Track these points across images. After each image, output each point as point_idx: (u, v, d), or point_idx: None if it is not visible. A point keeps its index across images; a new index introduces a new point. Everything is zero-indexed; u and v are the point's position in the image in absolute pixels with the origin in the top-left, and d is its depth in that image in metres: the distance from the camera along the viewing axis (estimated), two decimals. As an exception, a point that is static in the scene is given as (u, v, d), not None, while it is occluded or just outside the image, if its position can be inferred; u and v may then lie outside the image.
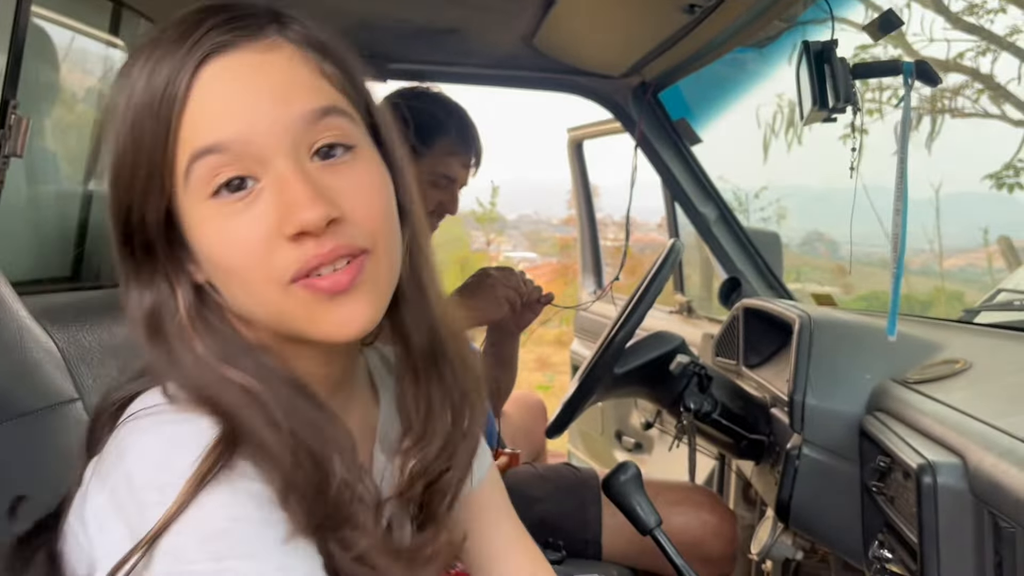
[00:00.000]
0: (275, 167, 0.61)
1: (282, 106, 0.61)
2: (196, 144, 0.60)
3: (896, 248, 1.08)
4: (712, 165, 2.19)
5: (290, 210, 0.60)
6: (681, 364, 1.51)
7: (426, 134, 1.72)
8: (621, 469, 1.17)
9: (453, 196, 1.77)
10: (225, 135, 0.60)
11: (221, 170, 0.60)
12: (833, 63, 1.17)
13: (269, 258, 0.61)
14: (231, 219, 0.61)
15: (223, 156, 0.60)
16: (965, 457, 0.92)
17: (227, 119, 0.60)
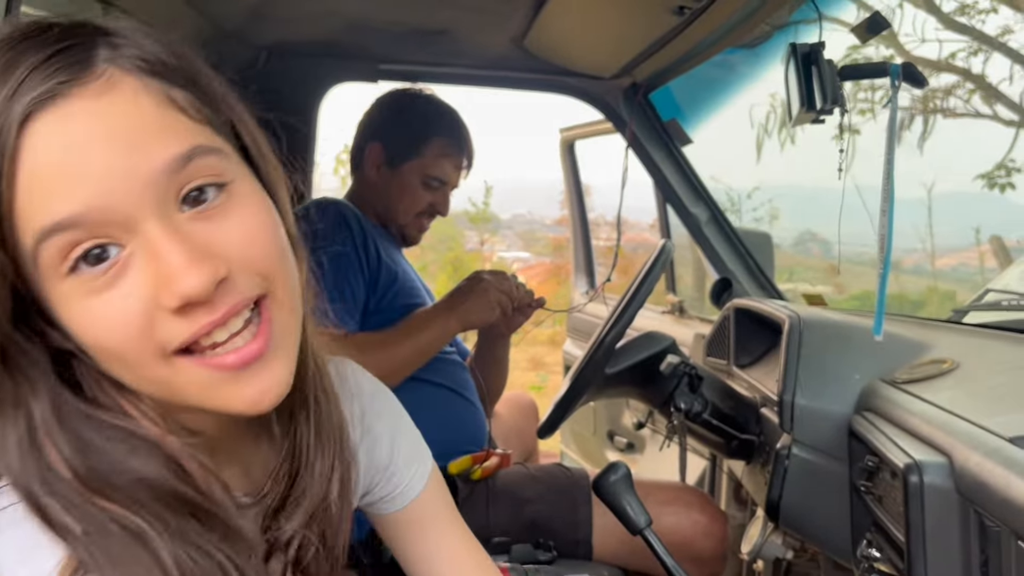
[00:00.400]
0: (141, 231, 0.52)
1: (135, 158, 0.52)
2: (38, 222, 0.51)
3: (882, 248, 1.09)
4: (705, 165, 2.20)
5: (169, 280, 0.51)
6: (671, 364, 1.52)
7: (418, 137, 1.73)
8: (611, 469, 1.17)
9: (445, 197, 1.78)
10: (73, 207, 0.50)
11: (75, 245, 0.51)
12: (820, 65, 1.17)
13: (149, 334, 0.53)
14: (96, 296, 0.52)
15: (75, 232, 0.51)
16: (951, 456, 0.93)
17: (71, 187, 0.50)
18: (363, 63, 2.12)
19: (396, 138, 1.75)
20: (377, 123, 1.79)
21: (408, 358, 1.58)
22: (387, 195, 1.75)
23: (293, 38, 1.95)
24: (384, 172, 1.75)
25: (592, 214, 3.42)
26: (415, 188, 1.74)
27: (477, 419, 1.72)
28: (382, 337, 1.57)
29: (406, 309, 1.66)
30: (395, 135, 1.75)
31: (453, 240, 8.16)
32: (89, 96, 0.52)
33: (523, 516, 1.56)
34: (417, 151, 1.73)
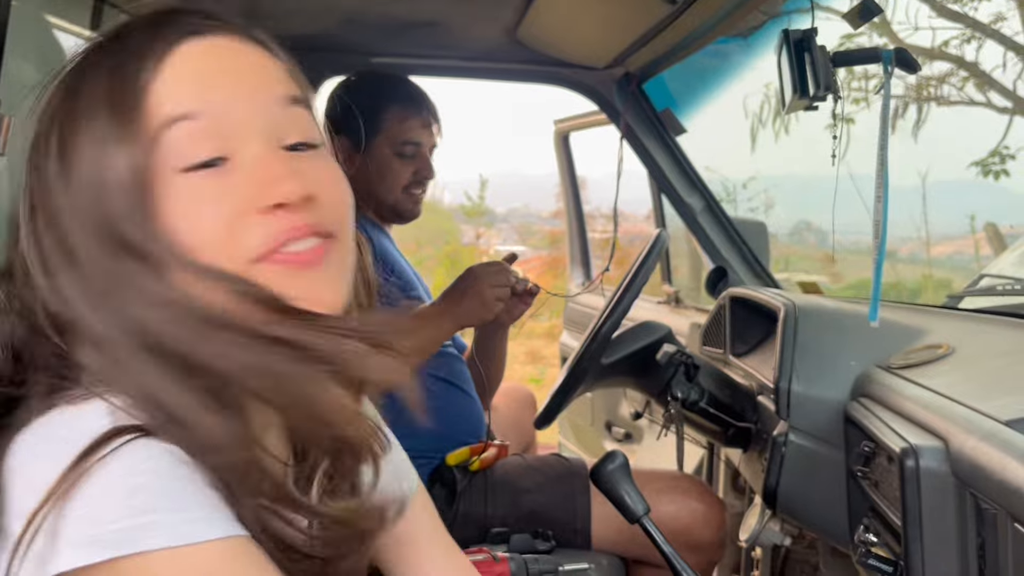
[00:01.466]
0: (250, 147, 0.60)
1: (258, 86, 0.62)
2: (168, 111, 0.59)
3: (877, 235, 1.09)
4: (699, 156, 2.20)
5: (268, 184, 0.59)
6: (667, 353, 1.52)
7: (374, 110, 1.71)
8: (609, 458, 1.17)
9: (425, 160, 1.76)
10: (198, 106, 0.59)
11: (197, 143, 0.59)
12: (813, 51, 1.17)
13: (238, 234, 0.59)
14: (202, 191, 0.59)
15: (197, 123, 0.59)
16: (947, 440, 0.93)
17: (203, 91, 0.60)
18: (355, 57, 2.11)
19: (352, 123, 1.73)
20: (332, 118, 1.77)
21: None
22: (368, 180, 1.73)
23: (285, 32, 1.93)
24: (356, 160, 1.73)
25: (588, 207, 3.42)
26: (391, 161, 1.72)
27: (475, 411, 1.72)
28: None
29: (401, 302, 1.65)
30: (350, 120, 1.73)
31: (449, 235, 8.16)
32: (239, 43, 0.63)
33: (521, 506, 1.56)
34: (377, 126, 1.71)
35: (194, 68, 0.61)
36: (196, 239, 0.58)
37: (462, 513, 1.56)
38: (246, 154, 0.60)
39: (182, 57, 0.61)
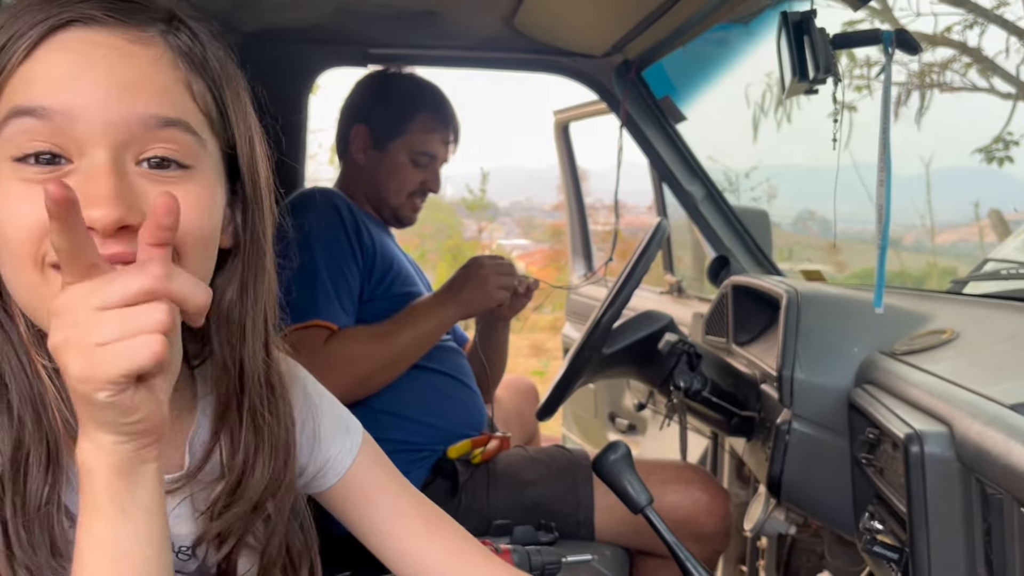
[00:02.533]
0: (91, 155, 0.58)
1: (123, 99, 0.58)
2: (18, 101, 0.57)
3: (880, 220, 1.08)
4: (702, 145, 2.18)
5: (86, 201, 0.54)
6: (669, 343, 1.51)
7: (402, 114, 1.72)
8: (611, 448, 1.16)
9: (435, 174, 1.77)
10: (52, 103, 0.57)
11: (36, 137, 0.57)
12: (812, 33, 1.16)
13: (44, 238, 0.56)
14: (24, 186, 0.57)
15: (42, 123, 0.57)
16: (952, 426, 0.92)
17: (60, 88, 0.57)
18: (352, 48, 2.10)
19: (380, 118, 1.73)
20: (360, 105, 1.78)
21: (406, 349, 1.57)
22: (377, 177, 1.74)
23: (280, 24, 1.93)
24: (371, 154, 1.74)
25: (590, 199, 3.41)
26: (404, 166, 1.72)
27: (476, 404, 1.71)
28: (380, 329, 1.56)
29: (402, 297, 1.65)
30: (379, 115, 1.74)
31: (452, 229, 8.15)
32: (121, 36, 0.59)
33: (524, 498, 1.55)
34: (402, 129, 1.72)
35: (61, 62, 0.57)
36: (9, 230, 0.57)
37: (465, 505, 1.55)
38: (85, 161, 0.58)
39: (55, 47, 0.58)
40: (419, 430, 1.61)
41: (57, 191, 0.48)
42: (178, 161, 0.60)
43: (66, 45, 0.58)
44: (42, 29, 0.57)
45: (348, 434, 0.83)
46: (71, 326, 0.50)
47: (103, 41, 0.58)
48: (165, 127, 0.59)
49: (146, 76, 0.59)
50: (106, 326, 0.50)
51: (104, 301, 0.50)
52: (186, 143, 0.60)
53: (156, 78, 0.60)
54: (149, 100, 0.59)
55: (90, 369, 0.50)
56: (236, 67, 0.68)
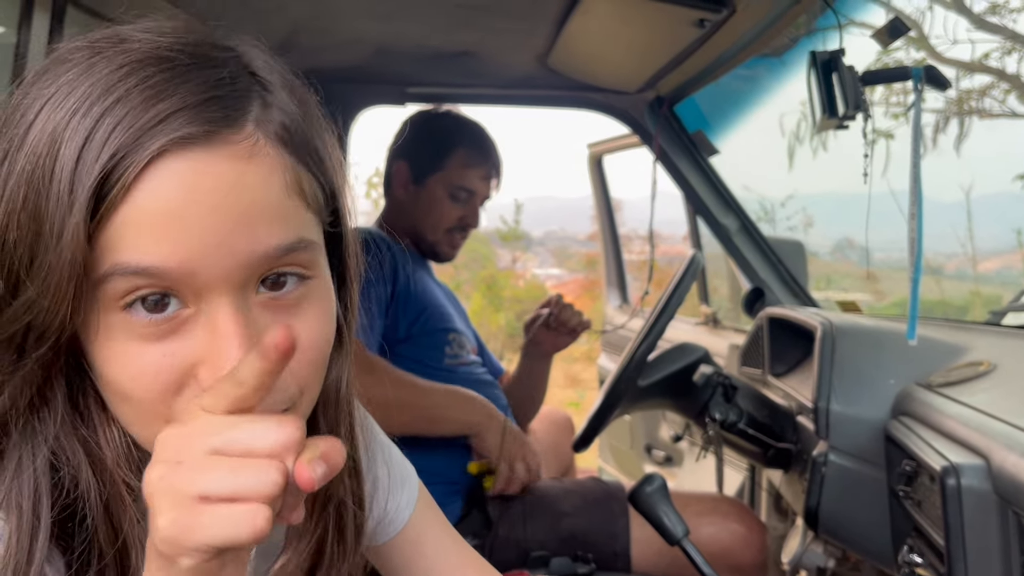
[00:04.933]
0: (213, 300, 0.49)
1: (246, 238, 0.49)
2: (122, 258, 0.47)
3: (912, 252, 1.09)
4: (737, 175, 2.19)
5: (217, 360, 0.49)
6: (705, 375, 1.52)
7: (440, 150, 1.76)
8: (647, 481, 1.18)
9: (474, 210, 1.80)
10: (163, 260, 0.48)
11: (143, 287, 0.48)
12: (841, 71, 1.18)
13: (173, 396, 0.50)
14: (141, 342, 0.49)
15: (150, 280, 0.48)
16: (989, 458, 0.92)
17: (170, 240, 0.47)
18: (391, 87, 2.16)
19: (419, 154, 1.78)
20: (402, 143, 1.83)
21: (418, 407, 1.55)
22: (416, 212, 1.78)
23: (322, 65, 2.00)
24: (411, 189, 1.78)
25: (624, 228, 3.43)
26: (442, 201, 1.76)
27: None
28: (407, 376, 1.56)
29: (439, 334, 1.68)
30: (418, 151, 1.79)
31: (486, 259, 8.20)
32: (230, 156, 0.49)
33: (561, 529, 1.57)
34: (440, 164, 1.76)
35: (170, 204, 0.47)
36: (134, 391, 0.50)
37: (501, 537, 1.56)
38: (205, 306, 0.50)
39: (155, 184, 0.47)
40: (455, 463, 1.63)
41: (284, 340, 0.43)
42: (298, 274, 0.53)
43: (165, 181, 0.47)
44: (141, 163, 0.47)
45: (406, 484, 0.80)
46: (174, 461, 0.44)
47: (207, 168, 0.48)
48: (287, 254, 0.51)
49: (262, 202, 0.50)
50: (215, 475, 0.43)
51: (225, 445, 0.44)
52: (305, 258, 0.53)
53: (270, 199, 0.50)
54: (270, 230, 0.50)
55: (181, 528, 0.43)
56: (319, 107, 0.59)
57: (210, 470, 0.43)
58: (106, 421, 0.54)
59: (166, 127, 0.47)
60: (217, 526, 0.42)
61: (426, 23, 1.70)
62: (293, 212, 0.52)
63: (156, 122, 0.47)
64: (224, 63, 0.52)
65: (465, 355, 1.74)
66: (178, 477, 0.43)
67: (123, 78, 0.48)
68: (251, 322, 0.50)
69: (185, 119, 0.48)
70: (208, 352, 0.49)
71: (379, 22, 1.70)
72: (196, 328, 0.50)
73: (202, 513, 0.43)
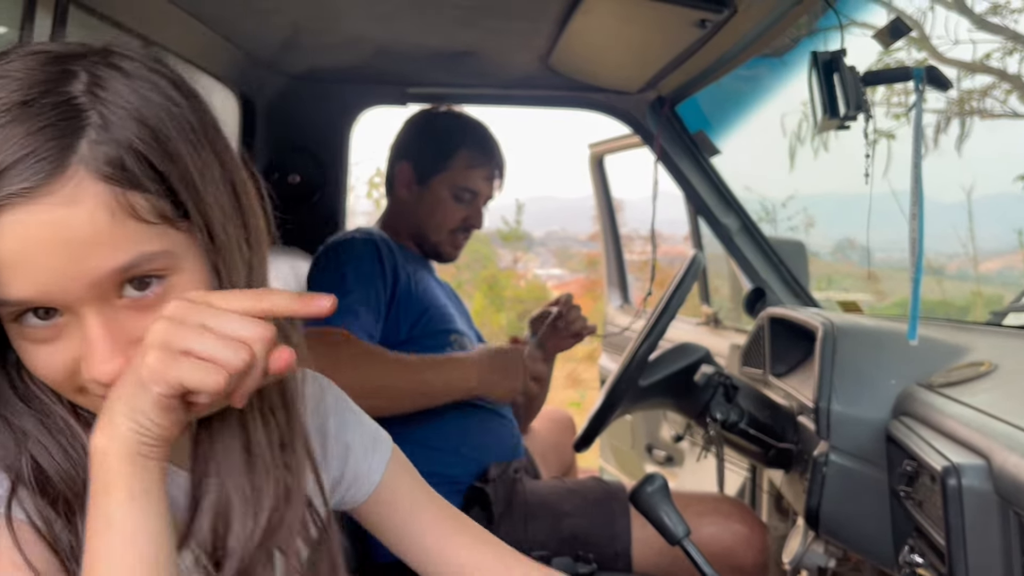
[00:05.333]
0: (80, 313, 0.59)
1: (82, 265, 0.57)
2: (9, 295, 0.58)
3: (913, 253, 1.09)
4: (738, 176, 2.19)
5: (89, 361, 0.60)
6: (706, 375, 1.52)
7: (444, 151, 1.76)
8: (648, 480, 1.17)
9: (477, 210, 1.80)
10: (22, 294, 0.57)
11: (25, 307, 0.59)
12: (842, 72, 1.18)
13: (73, 379, 0.62)
14: (34, 344, 0.61)
15: (24, 306, 0.59)
16: (990, 458, 0.92)
17: (21, 278, 0.57)
18: (392, 87, 2.16)
19: (423, 154, 1.78)
20: (404, 143, 1.83)
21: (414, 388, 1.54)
22: (419, 213, 1.78)
23: (324, 65, 2.00)
24: (415, 190, 1.78)
25: (625, 228, 3.43)
26: (446, 202, 1.76)
27: (512, 435, 1.73)
28: (402, 356, 1.55)
29: (441, 335, 1.68)
30: (422, 152, 1.78)
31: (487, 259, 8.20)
32: (51, 204, 0.56)
33: (561, 529, 1.57)
34: (444, 164, 1.76)
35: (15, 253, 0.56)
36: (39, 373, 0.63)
37: (502, 536, 1.55)
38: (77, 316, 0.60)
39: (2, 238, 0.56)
40: (456, 462, 1.63)
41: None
42: (156, 275, 0.61)
43: (7, 234, 0.56)
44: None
45: (378, 447, 0.88)
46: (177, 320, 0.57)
47: (36, 221, 0.56)
48: (130, 269, 0.59)
49: (89, 237, 0.57)
50: (203, 341, 0.56)
51: (217, 325, 0.57)
52: (156, 263, 0.60)
53: (98, 233, 0.57)
54: (101, 258, 0.58)
55: (166, 365, 0.56)
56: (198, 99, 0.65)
57: (200, 337, 0.56)
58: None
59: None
60: (191, 372, 0.56)
61: (427, 23, 1.70)
62: (128, 234, 0.58)
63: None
64: (55, 106, 0.57)
65: (467, 355, 1.75)
66: (175, 333, 0.57)
67: None
68: (117, 323, 0.60)
69: (11, 176, 0.56)
70: (83, 352, 0.60)
71: (380, 22, 1.71)
72: (74, 332, 0.60)
73: (183, 361, 0.56)
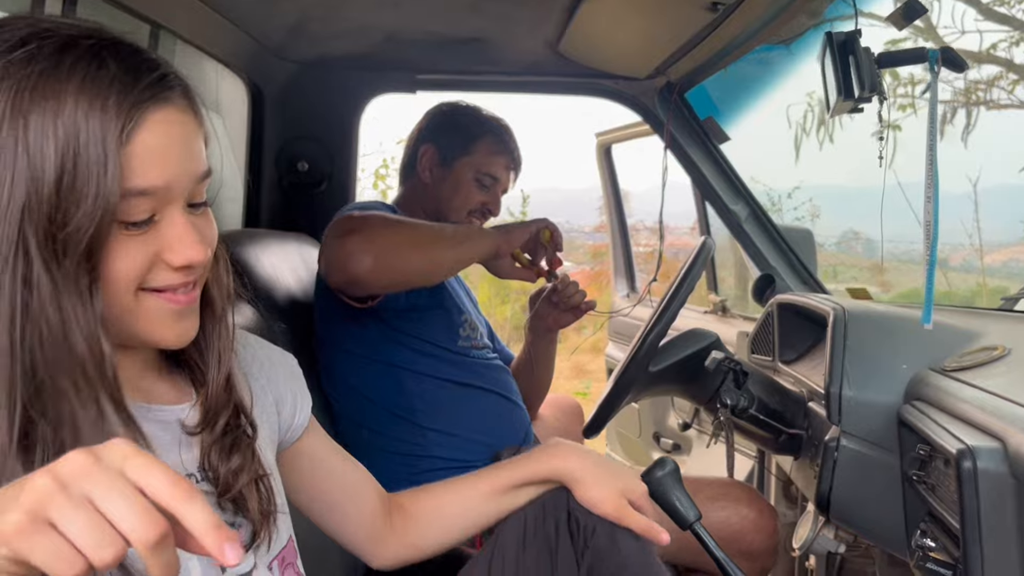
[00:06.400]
0: (174, 208, 0.71)
1: (192, 163, 0.72)
2: (133, 183, 0.67)
3: (928, 236, 1.08)
4: (744, 166, 2.19)
5: (180, 246, 0.71)
6: (716, 360, 1.51)
7: (469, 136, 1.78)
8: (659, 465, 1.17)
9: (496, 197, 1.82)
10: (157, 181, 0.68)
11: (143, 207, 0.69)
12: (857, 53, 1.17)
13: (144, 275, 0.71)
14: (130, 241, 0.69)
15: (150, 199, 0.69)
16: (1005, 441, 0.92)
17: (161, 167, 0.69)
18: (401, 74, 2.16)
19: (448, 138, 1.80)
20: (429, 128, 1.85)
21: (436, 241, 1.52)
22: (440, 193, 1.80)
23: (333, 53, 2.00)
24: (437, 172, 1.80)
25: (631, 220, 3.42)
26: (468, 185, 1.78)
27: (522, 420, 1.73)
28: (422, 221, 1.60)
29: (445, 313, 1.68)
30: (447, 135, 1.81)
31: (492, 250, 8.18)
32: (179, 109, 0.71)
33: (571, 515, 1.57)
34: (469, 148, 1.79)
35: (158, 143, 0.68)
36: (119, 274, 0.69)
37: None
38: (167, 215, 0.71)
39: (147, 131, 0.67)
40: (467, 447, 1.63)
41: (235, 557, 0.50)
42: (206, 203, 0.76)
43: (155, 125, 0.68)
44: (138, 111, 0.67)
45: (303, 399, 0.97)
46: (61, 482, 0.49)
47: (174, 117, 0.70)
48: (204, 179, 0.74)
49: (194, 139, 0.73)
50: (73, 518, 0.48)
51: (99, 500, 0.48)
52: (205, 187, 0.75)
53: (197, 139, 0.73)
54: (200, 159, 0.73)
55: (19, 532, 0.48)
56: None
57: (75, 511, 0.48)
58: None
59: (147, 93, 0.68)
60: (44, 551, 0.47)
61: (435, 10, 1.70)
62: (203, 150, 0.75)
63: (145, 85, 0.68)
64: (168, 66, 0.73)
65: (477, 339, 1.75)
66: (50, 497, 0.48)
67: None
68: (194, 223, 0.73)
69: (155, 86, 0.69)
70: (174, 241, 0.71)
71: (388, 9, 1.70)
72: (166, 227, 0.71)
73: (43, 534, 0.47)
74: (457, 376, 1.66)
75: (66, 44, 0.66)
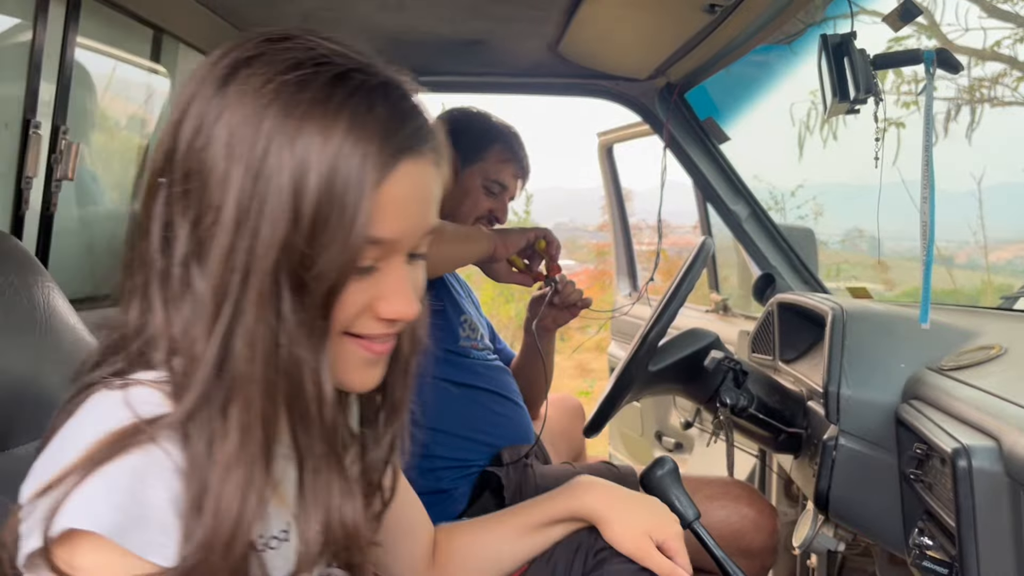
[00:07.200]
0: (395, 260, 0.70)
1: (427, 217, 0.71)
2: (372, 232, 0.66)
3: (925, 236, 1.09)
4: (746, 164, 2.19)
5: (395, 299, 0.70)
6: (715, 360, 1.52)
7: (479, 142, 1.79)
8: (658, 464, 1.18)
9: (503, 205, 1.83)
10: (393, 233, 0.67)
11: (369, 255, 0.68)
12: (852, 55, 1.17)
13: (353, 320, 0.70)
14: (351, 285, 0.67)
15: (380, 248, 0.68)
16: (1000, 440, 0.93)
17: (401, 218, 0.67)
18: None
19: (459, 144, 1.79)
20: None
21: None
22: (448, 200, 1.79)
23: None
24: None
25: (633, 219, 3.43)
26: (477, 192, 1.79)
27: (523, 419, 1.74)
28: None
29: (446, 315, 1.69)
30: (458, 142, 1.79)
31: (496, 250, 8.19)
32: (430, 162, 0.70)
33: (572, 514, 1.57)
34: (479, 155, 1.79)
35: (402, 195, 0.67)
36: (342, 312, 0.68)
37: (513, 521, 1.57)
38: (389, 265, 0.70)
39: (397, 181, 0.66)
40: (468, 447, 1.64)
41: None
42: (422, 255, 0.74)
43: (404, 176, 0.67)
44: (392, 162, 0.65)
45: None
46: None
47: (426, 171, 0.69)
48: (432, 232, 0.73)
49: (436, 194, 0.72)
50: None
51: None
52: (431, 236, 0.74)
53: (438, 194, 0.73)
54: (434, 215, 0.72)
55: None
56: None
57: None
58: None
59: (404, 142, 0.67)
60: None
61: (437, 12, 1.71)
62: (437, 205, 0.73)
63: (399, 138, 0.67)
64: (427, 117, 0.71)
65: (478, 340, 1.76)
66: None
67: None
68: (410, 275, 0.71)
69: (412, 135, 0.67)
70: (388, 291, 0.69)
71: (390, 11, 1.71)
72: (385, 275, 0.69)
73: None
74: (457, 377, 1.67)
75: (339, 76, 0.65)
